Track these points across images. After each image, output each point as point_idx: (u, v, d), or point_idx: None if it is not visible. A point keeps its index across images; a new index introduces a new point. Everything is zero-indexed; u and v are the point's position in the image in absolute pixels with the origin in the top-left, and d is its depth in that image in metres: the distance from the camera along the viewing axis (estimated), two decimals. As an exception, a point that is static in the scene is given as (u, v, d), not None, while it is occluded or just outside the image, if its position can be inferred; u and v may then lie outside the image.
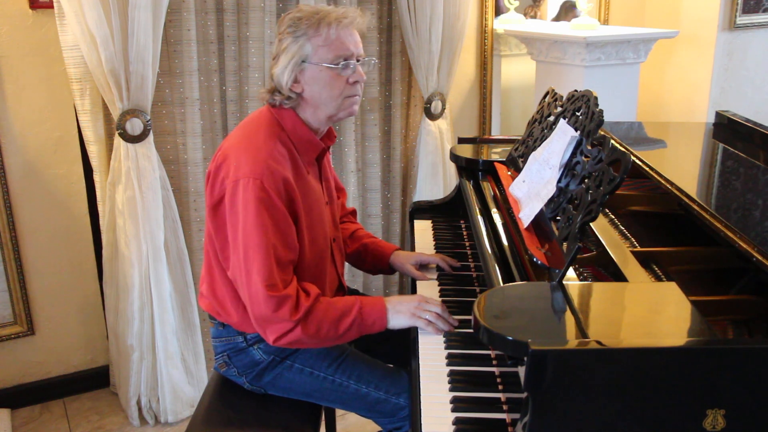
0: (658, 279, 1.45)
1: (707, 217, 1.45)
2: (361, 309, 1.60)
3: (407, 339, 1.67)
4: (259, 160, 1.54)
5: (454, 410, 1.34)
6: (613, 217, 1.80)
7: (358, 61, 1.62)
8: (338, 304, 1.60)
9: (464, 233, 2.17)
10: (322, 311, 1.56)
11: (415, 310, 1.62)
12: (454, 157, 2.17)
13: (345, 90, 1.61)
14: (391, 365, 1.78)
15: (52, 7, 2.28)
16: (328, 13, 1.58)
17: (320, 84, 1.60)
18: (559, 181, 1.50)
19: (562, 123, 1.61)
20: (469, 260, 1.98)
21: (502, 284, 1.44)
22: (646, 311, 1.23)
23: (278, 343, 1.55)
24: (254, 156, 1.55)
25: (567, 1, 3.64)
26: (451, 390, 1.41)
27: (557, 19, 3.71)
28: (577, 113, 1.61)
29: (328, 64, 1.58)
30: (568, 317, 1.20)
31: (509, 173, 1.91)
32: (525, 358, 1.05)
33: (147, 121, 2.36)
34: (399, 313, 1.62)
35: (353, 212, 2.07)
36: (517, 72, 3.59)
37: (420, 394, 1.41)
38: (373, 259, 1.95)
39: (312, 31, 1.57)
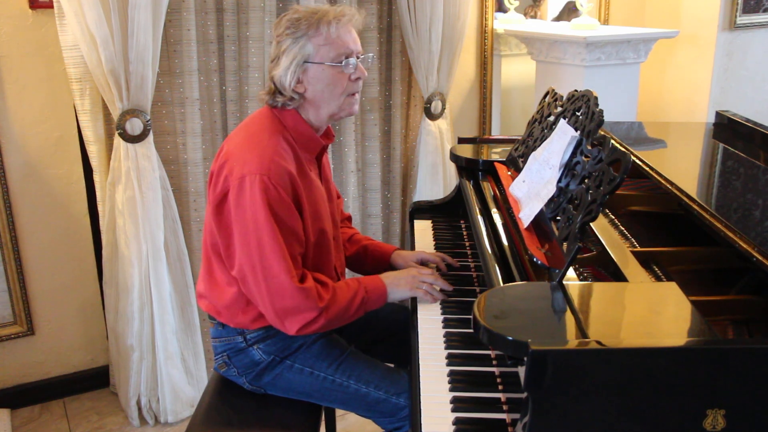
0: (658, 279, 1.45)
1: (707, 217, 1.45)
2: (366, 289, 1.66)
3: (407, 339, 1.67)
4: (264, 157, 1.55)
5: (454, 410, 1.34)
6: (613, 217, 1.79)
7: (357, 58, 1.63)
8: (345, 288, 1.65)
9: (464, 233, 2.17)
10: (338, 297, 1.62)
11: (412, 281, 1.70)
12: (454, 157, 2.17)
13: (347, 87, 1.64)
14: (391, 365, 1.78)
15: (52, 7, 2.28)
16: (326, 12, 1.59)
17: (323, 83, 1.61)
18: (559, 181, 1.50)
19: (562, 123, 1.61)
20: (469, 260, 1.98)
21: (502, 284, 1.44)
22: (646, 311, 1.23)
23: (301, 332, 1.58)
24: (259, 153, 1.56)
25: (570, 1, 3.64)
26: (451, 390, 1.41)
27: (558, 19, 3.71)
28: (577, 113, 1.61)
29: (331, 63, 1.59)
30: (568, 317, 1.20)
31: (509, 173, 1.91)
32: (525, 358, 1.05)
33: (147, 121, 2.36)
34: (397, 287, 1.70)
35: (349, 218, 2.08)
36: (517, 72, 3.59)
37: (420, 394, 1.40)
38: (374, 261, 1.96)
39: (312, 30, 1.58)
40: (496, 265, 1.53)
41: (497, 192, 1.91)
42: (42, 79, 2.44)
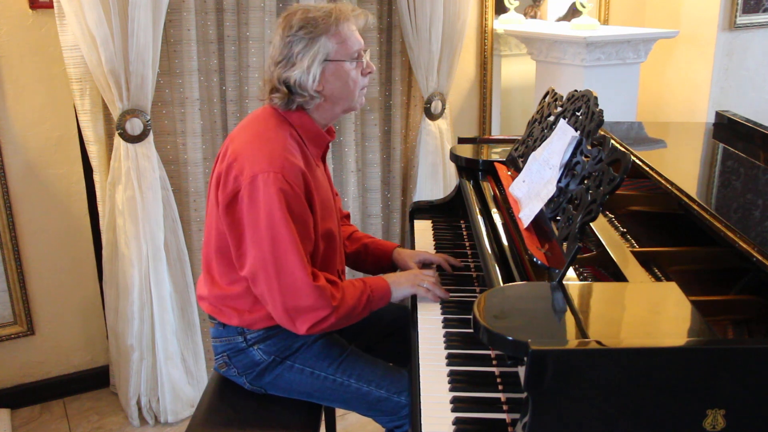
0: (658, 279, 1.45)
1: (707, 217, 1.45)
2: (371, 288, 1.67)
3: (407, 339, 1.67)
4: (275, 155, 1.55)
5: (454, 410, 1.34)
6: (613, 217, 1.79)
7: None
8: (352, 288, 1.65)
9: (464, 233, 2.17)
10: (347, 297, 1.62)
11: (414, 279, 1.73)
12: (454, 157, 2.17)
13: (360, 82, 1.66)
14: (392, 364, 1.78)
15: (52, 7, 2.28)
16: (341, 9, 1.60)
17: (342, 80, 1.62)
18: (559, 181, 1.50)
19: (562, 123, 1.61)
20: (469, 260, 1.98)
21: (502, 284, 1.44)
22: (646, 311, 1.23)
23: (311, 331, 1.57)
24: (269, 151, 1.56)
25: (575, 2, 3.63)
26: (451, 390, 1.41)
27: (563, 19, 3.70)
28: (577, 113, 1.61)
29: (350, 60, 1.61)
30: (568, 317, 1.20)
31: (509, 173, 1.91)
32: (525, 358, 1.05)
33: (147, 121, 2.36)
34: (400, 286, 1.72)
35: (347, 216, 2.08)
36: (517, 72, 3.59)
37: (420, 394, 1.41)
38: (374, 258, 1.96)
39: (333, 28, 1.58)
40: (496, 265, 1.53)
41: (497, 192, 1.91)
42: (42, 79, 2.43)
